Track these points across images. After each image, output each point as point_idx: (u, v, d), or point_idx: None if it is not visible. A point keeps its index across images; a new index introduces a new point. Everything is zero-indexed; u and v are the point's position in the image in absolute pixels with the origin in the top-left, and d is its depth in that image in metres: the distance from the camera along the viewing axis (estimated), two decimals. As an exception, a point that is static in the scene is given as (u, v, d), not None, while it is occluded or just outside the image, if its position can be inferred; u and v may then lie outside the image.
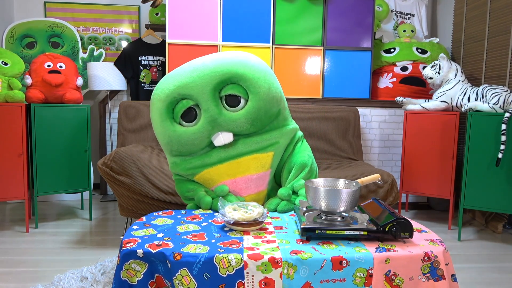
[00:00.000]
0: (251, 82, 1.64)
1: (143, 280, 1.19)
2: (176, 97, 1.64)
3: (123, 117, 2.82)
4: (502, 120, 2.50)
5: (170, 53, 3.11)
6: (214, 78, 1.62)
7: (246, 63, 1.66)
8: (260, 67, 1.68)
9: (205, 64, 1.66)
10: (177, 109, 1.66)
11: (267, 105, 1.66)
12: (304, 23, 3.19)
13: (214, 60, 1.66)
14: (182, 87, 1.63)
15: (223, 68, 1.63)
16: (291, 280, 1.15)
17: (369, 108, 3.32)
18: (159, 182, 2.23)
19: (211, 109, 1.63)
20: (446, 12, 3.77)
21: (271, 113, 1.69)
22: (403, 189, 3.09)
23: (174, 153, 1.71)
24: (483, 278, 2.12)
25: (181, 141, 1.66)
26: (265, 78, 1.67)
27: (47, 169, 2.76)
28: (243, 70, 1.64)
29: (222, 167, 1.69)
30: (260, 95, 1.64)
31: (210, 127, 1.65)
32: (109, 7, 3.73)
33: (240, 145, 1.68)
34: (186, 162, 1.71)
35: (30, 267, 2.12)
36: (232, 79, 1.63)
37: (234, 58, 1.67)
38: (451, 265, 1.25)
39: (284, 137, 1.73)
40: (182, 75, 1.66)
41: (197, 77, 1.63)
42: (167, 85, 1.66)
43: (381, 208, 1.40)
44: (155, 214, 1.58)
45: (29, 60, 3.54)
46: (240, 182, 1.70)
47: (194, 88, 1.62)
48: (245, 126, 1.66)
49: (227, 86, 1.65)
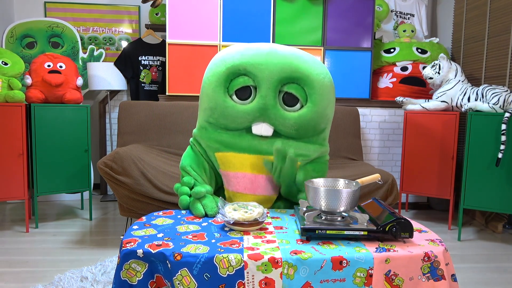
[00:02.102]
0: (316, 91, 1.60)
1: (143, 280, 1.19)
2: (241, 71, 1.60)
3: (123, 117, 2.82)
4: (502, 120, 2.50)
5: (170, 53, 3.11)
6: (285, 71, 1.58)
7: (321, 72, 1.63)
8: (330, 83, 1.67)
9: (284, 53, 1.62)
10: (235, 82, 1.62)
11: (319, 119, 1.64)
12: (304, 23, 3.19)
13: (293, 54, 1.62)
14: (252, 64, 1.59)
15: (297, 67, 1.59)
16: (291, 280, 1.15)
17: (369, 108, 3.32)
18: (159, 182, 2.23)
19: (268, 98, 1.60)
20: (446, 12, 3.77)
21: (318, 128, 1.67)
22: (403, 189, 3.09)
23: (211, 120, 1.67)
24: (483, 278, 2.12)
25: (224, 113, 1.62)
26: (329, 95, 1.65)
27: (47, 169, 2.76)
28: (314, 76, 1.60)
29: (249, 158, 1.66)
30: (318, 107, 1.62)
31: (258, 114, 1.62)
32: (109, 7, 3.73)
33: (276, 144, 1.65)
34: (216, 133, 1.67)
35: (30, 267, 2.12)
36: (300, 81, 1.60)
37: (312, 62, 1.64)
38: (451, 265, 1.25)
39: (316, 154, 1.71)
40: (257, 52, 1.61)
41: (271, 62, 1.58)
42: (239, 55, 1.61)
43: (381, 208, 1.40)
44: (155, 214, 1.58)
45: (29, 60, 3.54)
46: (261, 180, 1.67)
47: (262, 71, 1.58)
48: (290, 128, 1.63)
49: (292, 84, 1.61)
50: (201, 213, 1.54)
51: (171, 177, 2.30)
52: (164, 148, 2.77)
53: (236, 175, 1.67)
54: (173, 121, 2.85)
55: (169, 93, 3.14)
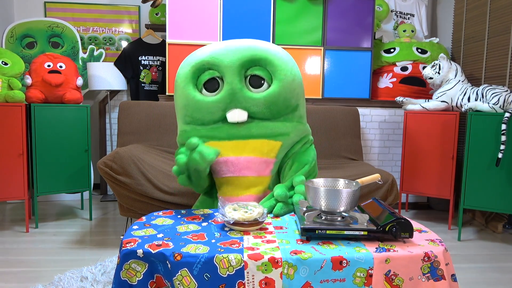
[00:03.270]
0: (278, 68, 1.72)
1: (143, 280, 1.19)
2: (205, 65, 1.72)
3: (123, 117, 2.82)
4: (502, 120, 2.50)
5: (170, 53, 3.11)
6: (244, 56, 1.70)
7: (278, 52, 1.76)
8: (291, 60, 1.79)
9: (239, 43, 1.76)
10: (202, 77, 1.74)
11: (288, 94, 1.73)
12: (304, 23, 3.19)
13: (248, 42, 1.77)
14: (213, 57, 1.71)
15: (255, 50, 1.72)
16: (291, 280, 1.15)
17: (369, 108, 3.32)
18: (159, 182, 2.23)
19: (234, 83, 1.69)
20: (446, 12, 3.77)
21: (289, 103, 1.75)
22: (403, 189, 3.09)
23: (187, 119, 1.76)
24: (483, 278, 2.12)
25: (197, 107, 1.72)
26: (292, 70, 1.76)
27: (47, 169, 2.76)
28: (273, 56, 1.73)
29: (229, 144, 1.74)
30: (284, 82, 1.71)
31: (229, 100, 1.70)
32: (109, 7, 3.73)
33: (252, 127, 1.73)
34: (195, 131, 1.76)
35: (30, 267, 2.12)
36: (261, 62, 1.72)
37: (268, 45, 1.78)
38: (451, 265, 1.25)
39: (295, 132, 1.78)
40: (217, 47, 1.76)
41: (229, 52, 1.72)
42: (200, 54, 1.75)
43: (381, 208, 1.40)
44: (155, 214, 1.58)
45: (29, 60, 3.54)
46: (244, 161, 1.73)
47: (223, 61, 1.70)
48: (261, 107, 1.71)
49: (254, 67, 1.73)
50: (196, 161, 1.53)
51: (171, 177, 2.30)
52: (164, 148, 2.77)
53: (218, 161, 1.74)
54: (173, 121, 2.85)
55: (169, 93, 3.14)
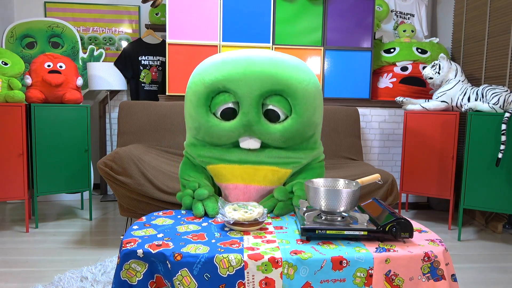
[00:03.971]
0: (300, 102, 1.56)
1: (143, 280, 1.19)
2: (220, 88, 1.57)
3: (123, 117, 2.82)
4: (502, 120, 2.50)
5: (170, 53, 3.11)
6: (265, 85, 1.54)
7: (303, 79, 1.57)
8: (315, 89, 1.61)
9: (262, 62, 1.56)
10: (216, 101, 1.59)
11: (306, 129, 1.62)
12: (304, 23, 3.19)
13: (272, 62, 1.57)
14: (230, 81, 1.55)
15: (277, 80, 1.54)
16: (291, 280, 1.15)
17: (369, 108, 3.32)
18: (159, 182, 2.23)
19: (250, 115, 1.57)
20: (446, 12, 3.77)
21: (306, 136, 1.66)
22: (403, 189, 3.09)
23: (197, 137, 1.68)
24: (483, 278, 2.12)
25: (209, 132, 1.62)
26: (314, 101, 1.61)
27: (47, 169, 2.76)
28: (296, 86, 1.55)
29: (239, 168, 1.65)
30: (303, 118, 1.59)
31: (243, 130, 1.60)
32: (109, 7, 3.73)
33: (264, 154, 1.65)
34: (205, 149, 1.67)
35: (30, 267, 2.12)
36: (283, 92, 1.56)
37: (294, 68, 1.58)
38: (451, 265, 1.25)
39: (307, 159, 1.70)
40: (234, 67, 1.56)
41: (249, 77, 1.54)
42: (216, 71, 1.57)
43: (381, 208, 1.40)
44: (155, 214, 1.58)
45: (29, 60, 3.54)
46: (253, 190, 1.67)
47: (241, 88, 1.54)
48: (277, 141, 1.62)
49: (274, 97, 1.58)
50: (201, 214, 1.54)
51: (171, 177, 2.30)
52: (164, 148, 2.77)
53: (228, 187, 1.68)
54: (173, 121, 2.85)
55: (169, 93, 3.14)
